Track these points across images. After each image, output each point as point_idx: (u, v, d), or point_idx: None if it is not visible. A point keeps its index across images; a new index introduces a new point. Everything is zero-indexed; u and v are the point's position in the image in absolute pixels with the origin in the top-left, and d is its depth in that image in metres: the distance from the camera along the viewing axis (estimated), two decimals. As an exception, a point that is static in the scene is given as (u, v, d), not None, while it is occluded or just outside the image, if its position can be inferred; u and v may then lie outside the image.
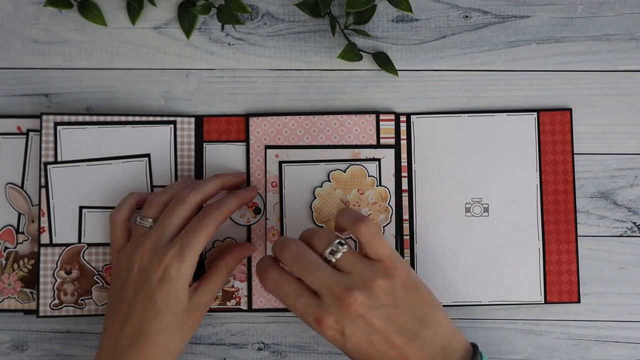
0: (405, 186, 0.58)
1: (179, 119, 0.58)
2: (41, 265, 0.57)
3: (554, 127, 0.58)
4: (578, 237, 0.57)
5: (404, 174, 0.58)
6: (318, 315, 0.47)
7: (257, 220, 0.58)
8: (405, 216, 0.57)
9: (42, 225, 0.57)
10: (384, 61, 0.58)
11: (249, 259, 0.58)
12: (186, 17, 0.59)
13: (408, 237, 0.57)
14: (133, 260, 0.51)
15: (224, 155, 0.58)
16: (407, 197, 0.58)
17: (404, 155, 0.58)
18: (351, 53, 0.57)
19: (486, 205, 0.57)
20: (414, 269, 0.57)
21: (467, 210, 0.57)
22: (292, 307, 0.49)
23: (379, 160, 0.57)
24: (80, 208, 0.57)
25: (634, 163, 0.58)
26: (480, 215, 0.57)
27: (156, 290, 0.49)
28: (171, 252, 0.50)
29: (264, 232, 0.58)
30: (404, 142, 0.58)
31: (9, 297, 0.57)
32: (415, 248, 0.57)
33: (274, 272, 0.49)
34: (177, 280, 0.50)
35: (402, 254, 0.57)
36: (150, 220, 0.53)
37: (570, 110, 0.58)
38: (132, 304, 0.50)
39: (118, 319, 0.50)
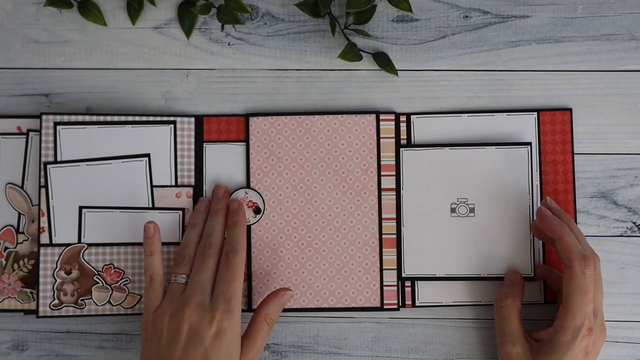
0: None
1: (179, 119, 0.58)
2: (41, 265, 0.57)
3: (554, 127, 0.58)
4: (578, 237, 0.57)
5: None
6: None
7: (257, 220, 0.58)
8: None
9: (42, 225, 0.57)
10: (384, 61, 0.58)
11: (249, 259, 0.58)
12: (186, 17, 0.59)
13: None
14: (181, 320, 0.51)
15: (224, 155, 0.58)
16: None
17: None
18: (351, 53, 0.57)
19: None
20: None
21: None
22: None
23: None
24: (80, 208, 0.57)
25: (634, 163, 0.58)
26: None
27: (210, 346, 0.50)
28: (219, 307, 0.51)
29: (264, 231, 0.58)
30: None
31: (9, 297, 0.57)
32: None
33: None
34: (231, 332, 0.51)
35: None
36: (184, 276, 0.53)
37: (570, 110, 0.58)
38: None
39: None
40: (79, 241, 0.57)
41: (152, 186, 0.58)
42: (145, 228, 0.55)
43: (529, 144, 0.57)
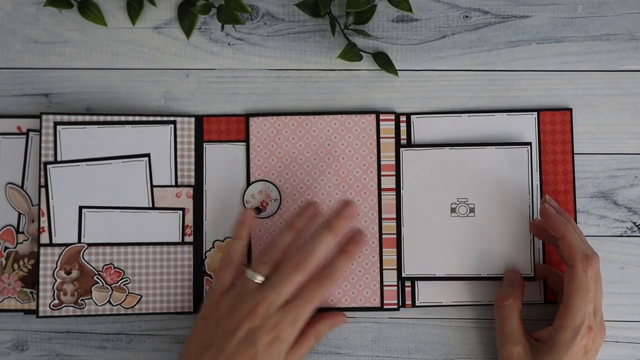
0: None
1: (179, 119, 0.58)
2: (41, 265, 0.57)
3: (554, 127, 0.58)
4: (578, 237, 0.57)
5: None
6: None
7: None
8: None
9: (42, 225, 0.57)
10: (384, 61, 0.58)
11: (249, 253, 0.58)
12: (186, 17, 0.59)
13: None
14: (244, 318, 0.51)
15: (224, 155, 0.58)
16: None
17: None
18: (351, 53, 0.57)
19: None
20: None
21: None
22: None
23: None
24: (80, 208, 0.57)
25: (634, 163, 0.58)
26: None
27: (262, 352, 0.50)
28: (286, 320, 0.51)
29: (264, 231, 0.58)
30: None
31: (9, 297, 0.57)
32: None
33: None
34: (285, 343, 0.51)
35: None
36: (262, 278, 0.52)
37: (570, 110, 0.58)
38: (231, 357, 0.50)
39: None
40: (79, 241, 0.57)
41: (152, 186, 0.58)
42: (243, 213, 0.55)
43: (529, 144, 0.57)
